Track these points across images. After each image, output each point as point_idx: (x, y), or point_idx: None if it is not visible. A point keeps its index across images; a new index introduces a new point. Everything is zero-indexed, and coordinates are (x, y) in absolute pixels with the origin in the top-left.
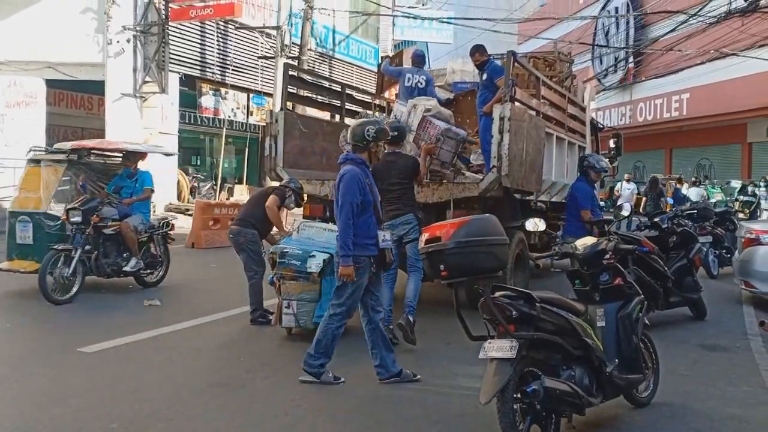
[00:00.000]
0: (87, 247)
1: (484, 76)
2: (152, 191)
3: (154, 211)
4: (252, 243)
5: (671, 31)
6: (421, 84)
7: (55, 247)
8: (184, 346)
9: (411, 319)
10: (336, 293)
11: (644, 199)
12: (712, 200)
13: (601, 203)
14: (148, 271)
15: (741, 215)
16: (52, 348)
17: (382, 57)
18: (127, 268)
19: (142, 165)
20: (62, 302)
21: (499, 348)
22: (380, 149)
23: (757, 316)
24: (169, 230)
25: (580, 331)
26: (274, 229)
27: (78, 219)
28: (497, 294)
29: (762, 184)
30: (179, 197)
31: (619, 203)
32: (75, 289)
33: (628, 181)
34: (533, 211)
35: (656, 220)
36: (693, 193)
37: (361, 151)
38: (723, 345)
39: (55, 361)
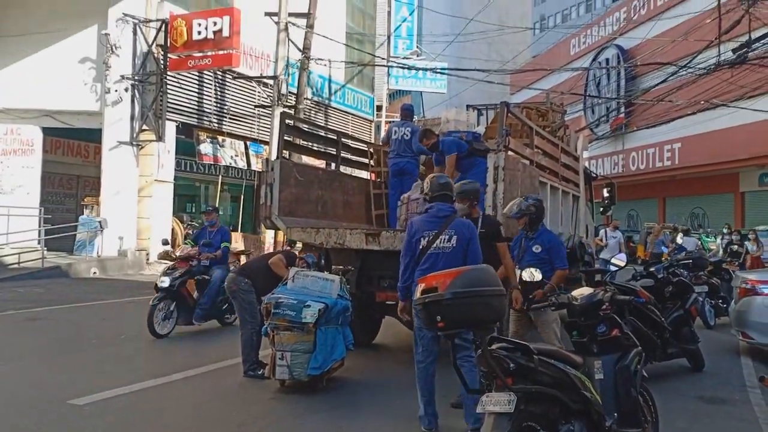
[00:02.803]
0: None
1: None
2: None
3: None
4: (244, 292)
5: (662, 82)
6: (407, 136)
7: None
8: (175, 398)
9: None
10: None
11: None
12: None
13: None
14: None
15: (725, 265)
16: (41, 399)
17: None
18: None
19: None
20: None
21: (497, 402)
22: None
23: (755, 368)
24: None
25: (578, 384)
26: None
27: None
28: (494, 346)
29: (725, 230)
30: (174, 245)
31: (602, 255)
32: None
33: (614, 228)
34: None
35: (652, 269)
36: (688, 242)
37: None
38: (722, 397)
39: (44, 414)
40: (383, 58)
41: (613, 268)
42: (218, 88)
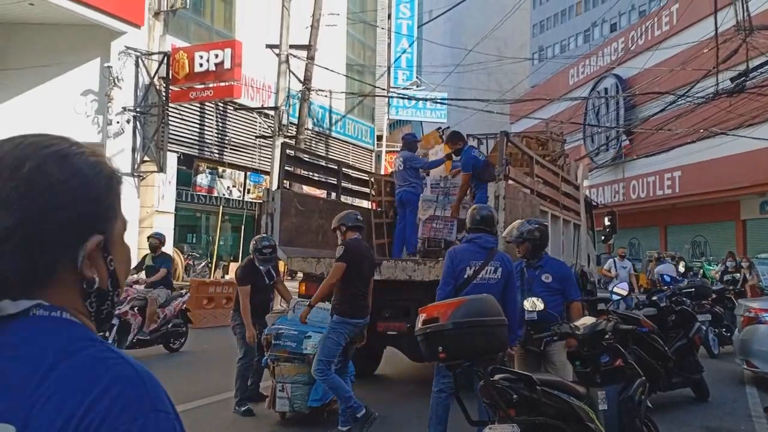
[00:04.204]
0: None
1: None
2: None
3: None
4: (240, 326)
5: (661, 111)
6: (400, 167)
7: None
8: None
9: None
10: None
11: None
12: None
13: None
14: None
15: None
16: None
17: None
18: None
19: None
20: None
21: None
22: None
23: (760, 397)
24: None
25: (582, 415)
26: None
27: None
28: (497, 377)
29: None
30: (174, 276)
31: (613, 285)
32: None
33: (622, 257)
34: None
35: (654, 298)
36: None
37: None
38: (727, 427)
39: None
40: (383, 89)
41: (615, 297)
42: (219, 120)
